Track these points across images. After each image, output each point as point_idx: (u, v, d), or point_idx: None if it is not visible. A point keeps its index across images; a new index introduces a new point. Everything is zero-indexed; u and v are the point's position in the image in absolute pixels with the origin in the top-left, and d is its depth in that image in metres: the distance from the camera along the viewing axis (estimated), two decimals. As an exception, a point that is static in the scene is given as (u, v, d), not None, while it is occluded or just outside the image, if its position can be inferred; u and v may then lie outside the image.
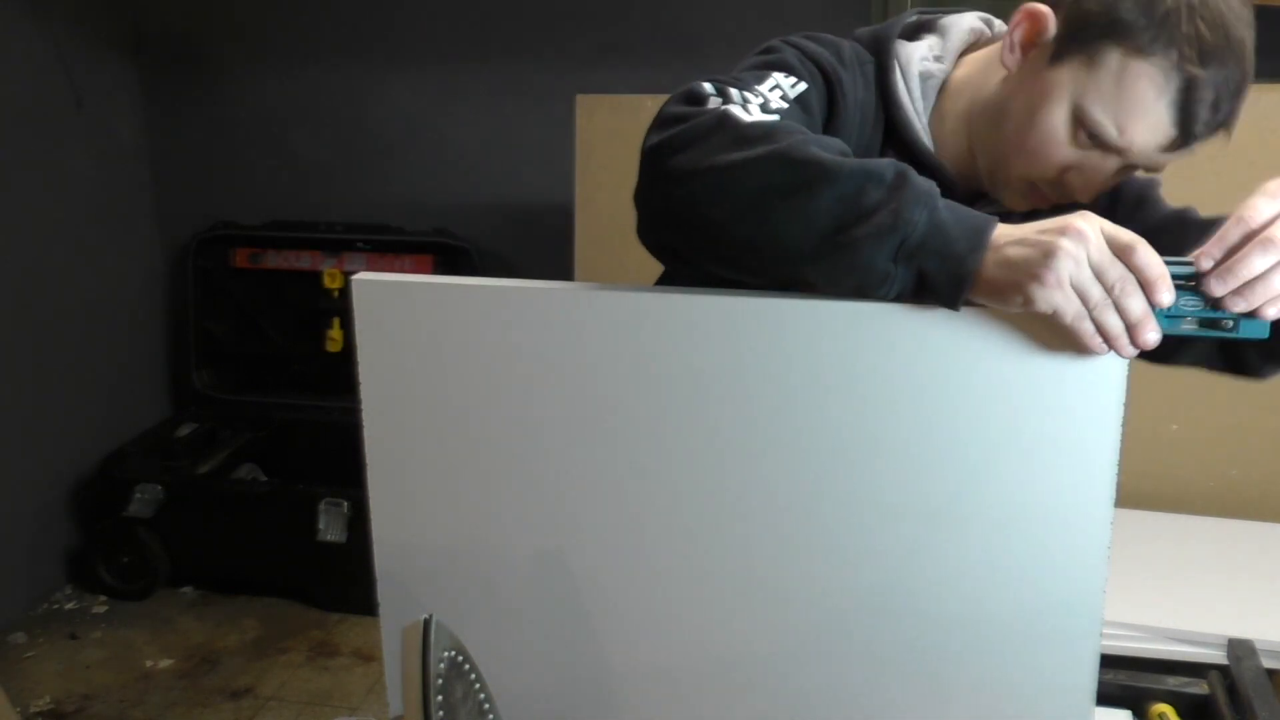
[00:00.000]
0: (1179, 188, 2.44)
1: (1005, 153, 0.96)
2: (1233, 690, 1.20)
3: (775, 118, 0.85)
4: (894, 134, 1.00)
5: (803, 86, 0.92)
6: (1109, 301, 0.72)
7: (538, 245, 3.01)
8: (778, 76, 0.92)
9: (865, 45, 1.03)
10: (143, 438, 3.11)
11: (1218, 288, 0.74)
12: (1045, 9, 0.93)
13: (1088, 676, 0.89)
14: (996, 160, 0.98)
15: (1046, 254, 0.72)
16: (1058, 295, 0.72)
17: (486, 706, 0.86)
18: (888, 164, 0.78)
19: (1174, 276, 0.73)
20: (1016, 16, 0.95)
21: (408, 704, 0.78)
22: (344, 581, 2.73)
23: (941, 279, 0.76)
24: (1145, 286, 0.72)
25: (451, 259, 3.08)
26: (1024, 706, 0.90)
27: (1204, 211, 1.02)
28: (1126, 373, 0.80)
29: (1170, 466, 2.45)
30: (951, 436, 0.84)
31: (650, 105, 1.19)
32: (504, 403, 0.91)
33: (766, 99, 0.88)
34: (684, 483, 0.90)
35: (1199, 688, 1.20)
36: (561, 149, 2.63)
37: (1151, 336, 0.73)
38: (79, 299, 3.02)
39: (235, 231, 3.21)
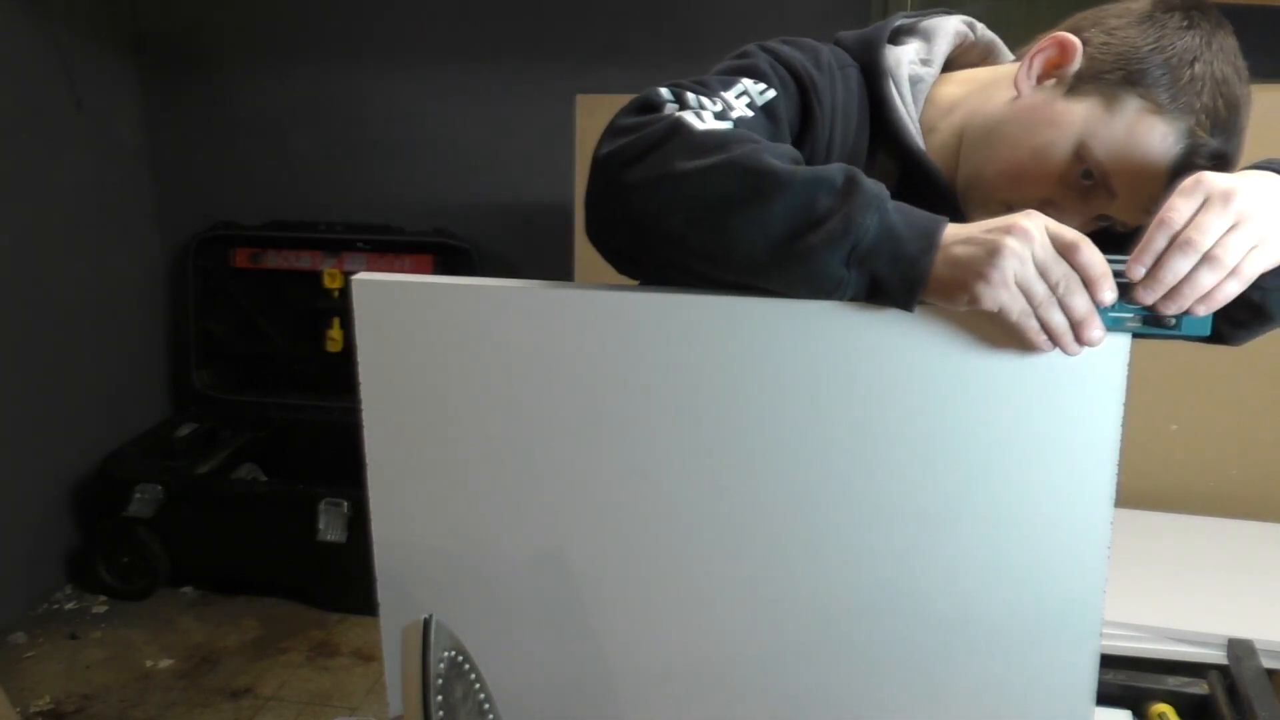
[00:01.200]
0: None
1: (992, 171, 0.96)
2: (1233, 690, 1.20)
3: (729, 125, 0.86)
4: (882, 137, 1.00)
5: (771, 94, 0.92)
6: (1054, 300, 0.73)
7: (538, 245, 3.01)
8: (746, 83, 0.92)
9: (850, 50, 1.03)
10: (143, 438, 3.11)
11: (1147, 296, 0.75)
12: (1077, 41, 0.93)
13: (1088, 677, 0.89)
14: (980, 177, 0.97)
15: (991, 252, 0.73)
16: (1003, 293, 0.73)
17: (486, 706, 0.86)
18: (837, 170, 0.78)
19: (1118, 275, 0.74)
20: (1043, 42, 0.95)
21: (408, 704, 0.78)
22: (344, 581, 2.73)
23: (894, 281, 0.77)
24: (1088, 285, 0.73)
25: (451, 259, 3.08)
26: (1024, 707, 0.90)
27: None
28: (1127, 373, 0.80)
29: (1170, 466, 2.45)
30: (951, 437, 0.84)
31: (650, 105, 1.19)
32: (504, 403, 0.91)
33: (729, 105, 0.88)
34: (683, 483, 0.90)
35: (1199, 688, 1.20)
36: (561, 149, 2.63)
37: (1095, 334, 0.75)
38: (79, 299, 3.02)
39: (235, 231, 3.21)
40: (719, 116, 0.86)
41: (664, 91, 0.88)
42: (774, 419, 0.86)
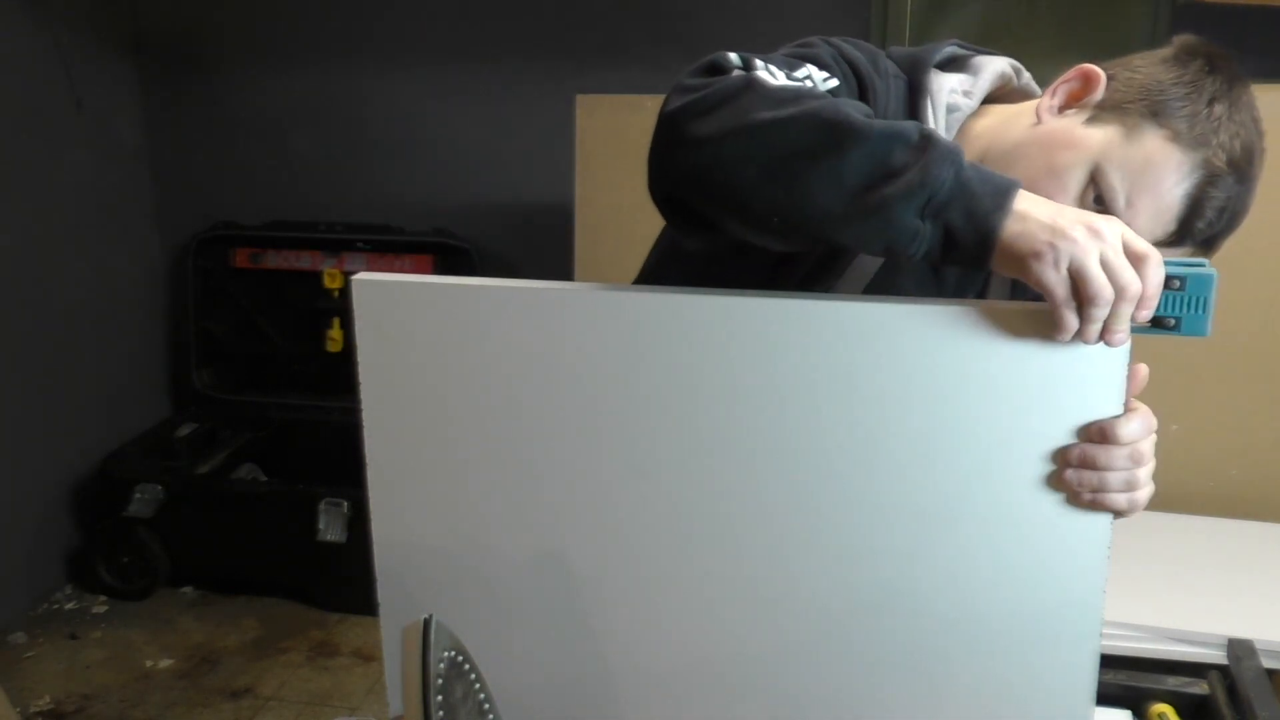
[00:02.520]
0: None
1: None
2: (1233, 690, 1.20)
3: (805, 84, 0.86)
4: None
5: (835, 83, 0.93)
6: (1108, 299, 0.74)
7: (538, 245, 3.02)
8: (811, 68, 0.92)
9: (899, 63, 1.04)
10: (143, 438, 3.11)
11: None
12: (1101, 73, 0.95)
13: (1088, 677, 0.89)
14: None
15: (1057, 233, 0.74)
16: (1052, 275, 0.74)
17: (486, 706, 0.86)
18: (913, 125, 0.79)
19: (1177, 276, 0.76)
20: (1070, 73, 0.97)
21: (408, 704, 0.78)
22: (344, 581, 2.72)
23: (968, 235, 0.77)
24: (1142, 298, 0.74)
25: (451, 259, 3.08)
26: (1024, 707, 0.90)
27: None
28: (1126, 373, 0.81)
29: (1170, 466, 2.44)
30: (951, 436, 0.84)
31: (650, 105, 1.19)
32: (504, 403, 0.91)
33: (794, 80, 0.89)
34: (683, 483, 0.90)
35: (1199, 688, 1.20)
36: (561, 149, 2.63)
37: (1120, 338, 0.76)
38: (79, 299, 3.02)
39: (235, 231, 3.21)
40: (791, 79, 0.87)
41: (732, 56, 0.88)
42: (774, 419, 0.86)
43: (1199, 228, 0.89)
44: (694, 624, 0.94)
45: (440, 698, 0.78)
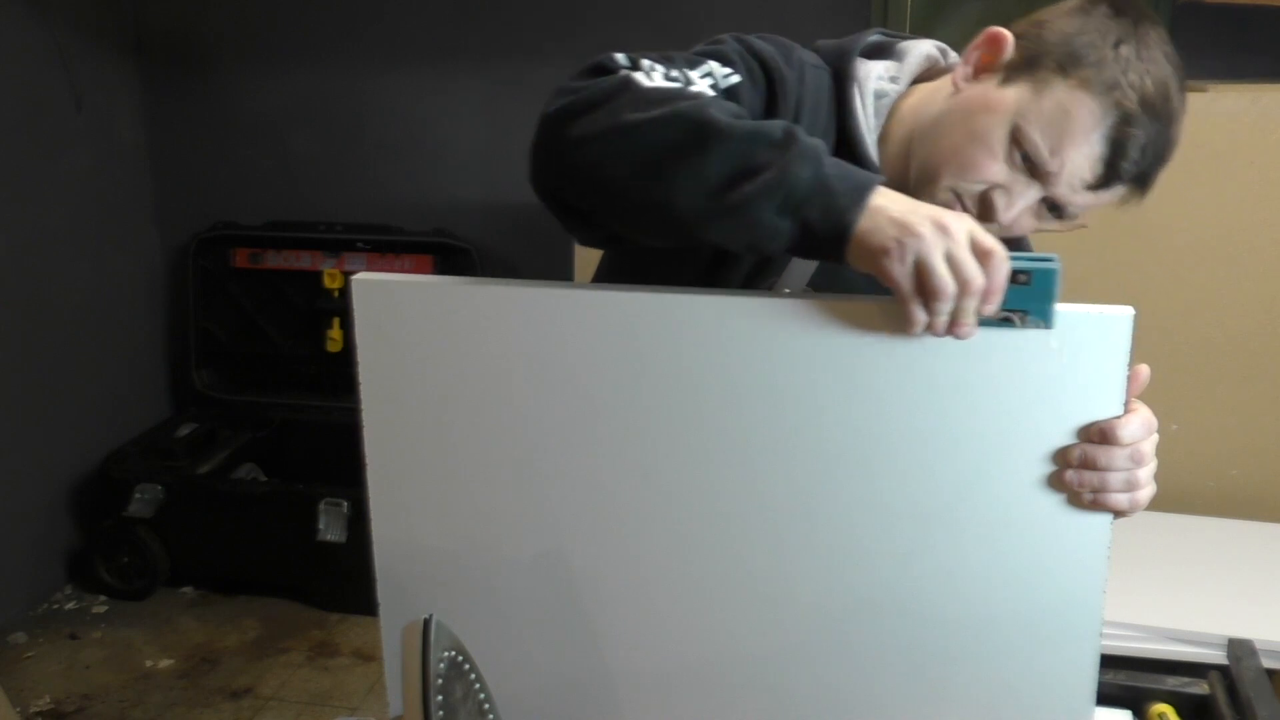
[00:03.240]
0: (1183, 189, 2.44)
1: (937, 161, 0.98)
2: (1233, 690, 1.20)
3: (678, 85, 0.89)
4: (844, 146, 1.03)
5: (736, 79, 0.95)
6: (954, 294, 0.76)
7: (538, 245, 3.01)
8: (713, 65, 0.95)
9: (825, 56, 1.06)
10: (143, 438, 3.11)
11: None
12: (1007, 34, 0.97)
13: (1088, 676, 0.89)
14: (926, 169, 0.99)
15: (906, 229, 0.76)
16: (898, 269, 0.76)
17: (486, 706, 0.86)
18: (778, 124, 0.82)
19: (1022, 270, 0.78)
20: (978, 39, 0.98)
21: (408, 704, 0.78)
22: (344, 581, 2.73)
23: (824, 231, 0.79)
24: (987, 293, 0.76)
25: (451, 259, 3.08)
26: (1024, 706, 0.90)
27: (1216, 205, 1.02)
28: (1127, 373, 0.81)
29: (1170, 466, 2.44)
30: (951, 437, 0.84)
31: (650, 105, 1.19)
32: (504, 403, 0.91)
33: (690, 80, 0.91)
34: (684, 483, 0.90)
35: (1199, 688, 1.20)
36: (561, 149, 2.62)
37: (967, 332, 0.78)
38: (79, 299, 3.02)
39: (235, 231, 3.21)
40: (669, 79, 0.89)
41: (618, 57, 0.91)
42: (774, 419, 0.86)
43: (1125, 168, 0.91)
44: (694, 624, 0.94)
45: (440, 698, 0.78)
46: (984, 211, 0.95)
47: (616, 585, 0.94)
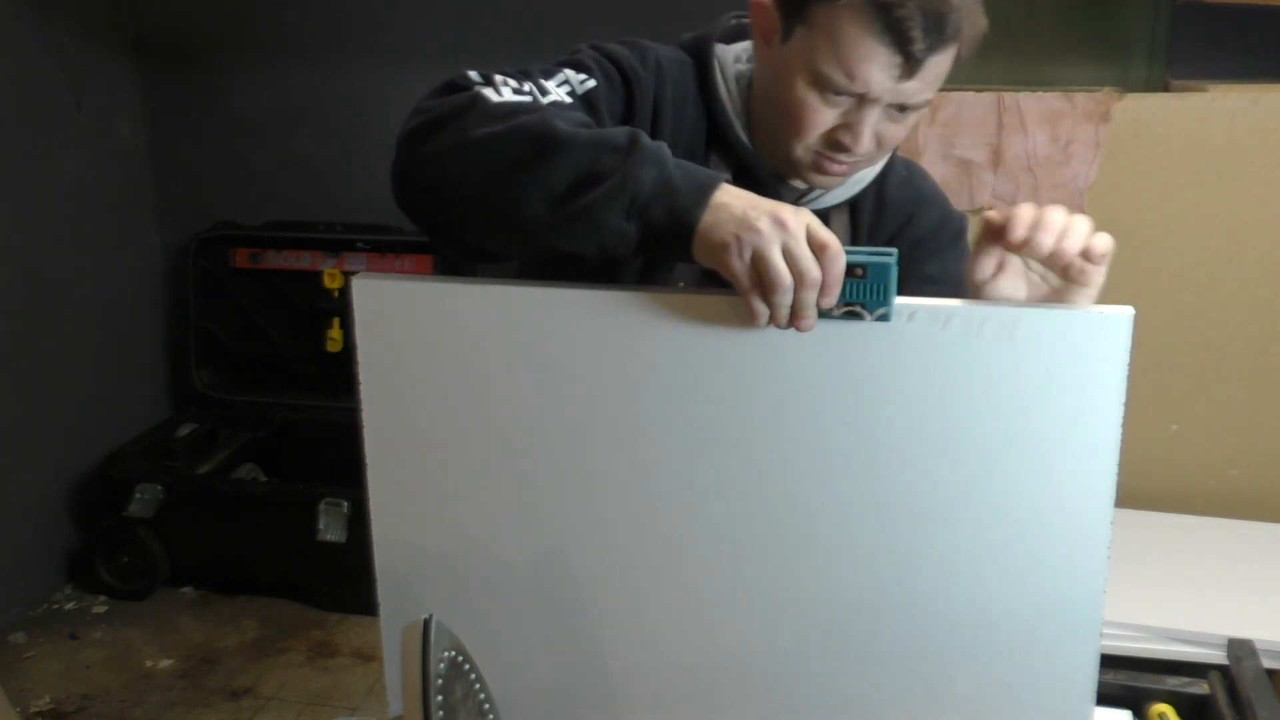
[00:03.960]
0: (1183, 189, 2.45)
1: (778, 134, 1.01)
2: (1233, 690, 1.20)
3: (526, 99, 0.91)
4: (714, 132, 1.05)
5: (592, 84, 0.98)
6: (788, 287, 0.78)
7: (538, 245, 3.01)
8: (569, 73, 0.98)
9: (687, 49, 1.09)
10: (143, 438, 3.11)
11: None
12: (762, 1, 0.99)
13: (1088, 676, 0.89)
14: (779, 144, 1.02)
15: (743, 225, 0.78)
16: (737, 263, 0.79)
17: (486, 706, 0.86)
18: (621, 132, 0.84)
19: (859, 265, 0.80)
20: (751, 12, 1.02)
21: (408, 704, 0.78)
22: (344, 581, 2.72)
23: (669, 230, 0.81)
24: (824, 286, 0.79)
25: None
26: (1024, 706, 0.90)
27: (1216, 205, 1.02)
28: (1127, 373, 0.81)
29: (1170, 466, 2.45)
30: (951, 437, 0.84)
31: (650, 105, 1.19)
32: (504, 403, 0.91)
33: (545, 90, 0.95)
34: (684, 483, 0.90)
35: (1199, 688, 1.20)
36: (561, 149, 2.62)
37: (806, 324, 0.80)
38: (79, 299, 3.02)
39: (235, 231, 3.21)
40: (519, 93, 0.92)
41: (471, 74, 0.93)
42: (774, 420, 0.86)
43: (919, 48, 0.91)
44: (693, 624, 0.94)
45: (440, 698, 0.78)
46: (844, 152, 0.98)
47: (616, 585, 0.94)
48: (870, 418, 0.85)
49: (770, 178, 1.05)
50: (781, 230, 0.78)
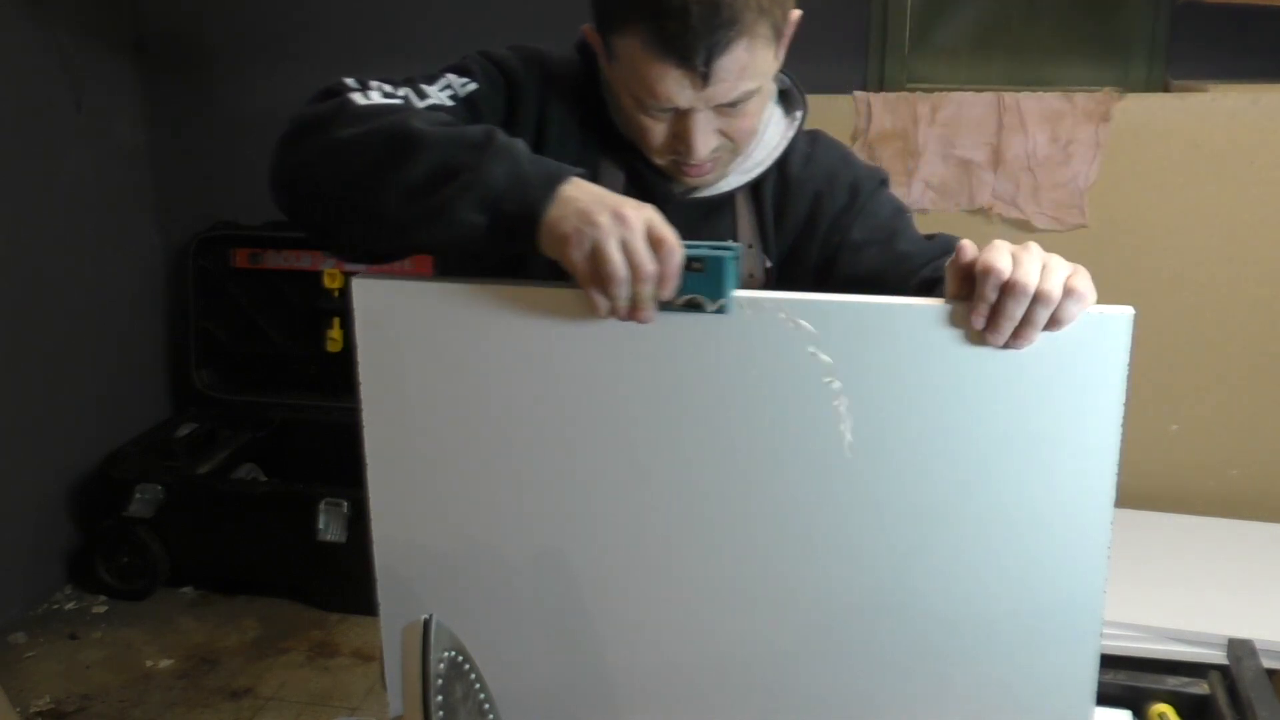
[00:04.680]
0: (1183, 189, 2.45)
1: (637, 145, 1.03)
2: (1233, 690, 1.20)
3: (395, 102, 0.94)
4: (611, 135, 1.06)
5: (474, 86, 1.02)
6: (626, 280, 0.80)
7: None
8: (451, 77, 1.02)
9: (579, 50, 1.10)
10: (143, 438, 3.11)
11: (995, 340, 0.80)
12: (589, 26, 1.02)
13: (1088, 676, 0.89)
14: (642, 148, 1.04)
15: (584, 219, 0.80)
16: (577, 256, 0.81)
17: (486, 706, 0.86)
18: (478, 129, 0.86)
19: (696, 259, 0.82)
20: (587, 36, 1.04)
21: (408, 704, 0.78)
22: (344, 581, 2.72)
23: (519, 222, 0.84)
24: (661, 279, 0.81)
25: (451, 259, 3.08)
26: (1024, 706, 0.90)
27: (1216, 205, 1.01)
28: (1126, 373, 0.81)
29: (1170, 466, 2.45)
30: (952, 436, 0.84)
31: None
32: (504, 403, 0.91)
33: (425, 94, 0.98)
34: (684, 482, 0.90)
35: (1199, 688, 1.19)
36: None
37: (644, 316, 0.82)
38: (79, 299, 3.02)
39: (235, 231, 3.20)
40: (389, 97, 0.96)
41: (348, 80, 0.96)
42: (774, 420, 0.86)
43: (700, 59, 0.91)
44: (694, 624, 0.94)
45: (440, 698, 0.78)
46: (687, 156, 0.99)
47: (616, 585, 0.94)
48: (870, 418, 0.85)
49: (657, 176, 1.06)
50: (620, 225, 0.80)
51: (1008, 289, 0.78)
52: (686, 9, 0.89)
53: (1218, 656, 1.50)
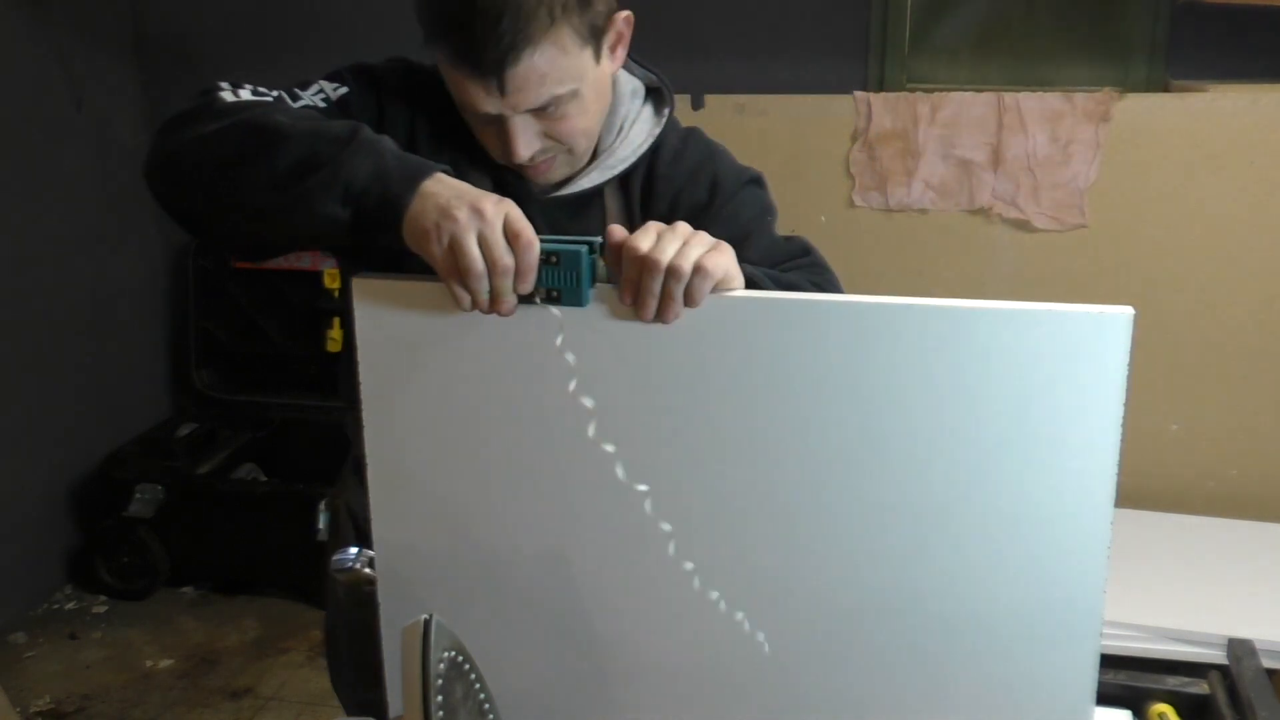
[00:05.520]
0: (1183, 189, 2.45)
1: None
2: (1233, 690, 1.20)
3: (264, 99, 0.98)
4: (476, 143, 1.07)
5: (344, 90, 1.05)
6: (483, 272, 0.82)
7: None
8: (324, 83, 1.06)
9: None
10: (143, 438, 3.11)
11: (643, 315, 0.85)
12: None
13: (1088, 676, 0.89)
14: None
15: (443, 214, 0.82)
16: (435, 249, 0.83)
17: (486, 706, 0.86)
18: (344, 124, 0.89)
19: (553, 253, 0.84)
20: None
21: (408, 704, 0.78)
22: (344, 581, 2.72)
23: (380, 216, 0.86)
24: (519, 273, 0.83)
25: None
26: (1024, 706, 0.90)
27: (1216, 205, 1.00)
28: (1127, 373, 0.80)
29: (1170, 466, 2.45)
30: (952, 436, 0.84)
31: (650, 105, 1.19)
32: (504, 403, 0.91)
33: (297, 97, 1.03)
34: (684, 482, 0.90)
35: (1199, 688, 1.20)
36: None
37: (504, 308, 0.85)
38: (79, 299, 3.02)
39: (235, 231, 3.20)
40: (258, 95, 1.00)
41: (222, 82, 0.99)
42: (774, 420, 0.86)
43: (487, 68, 0.94)
44: (694, 624, 0.94)
45: (440, 698, 0.78)
46: (507, 158, 1.02)
47: (616, 584, 0.94)
48: (871, 417, 0.85)
49: (518, 179, 1.08)
50: (478, 219, 0.82)
51: (644, 266, 0.83)
52: (470, 24, 0.92)
53: (1218, 656, 1.50)
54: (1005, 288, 2.47)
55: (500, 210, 0.83)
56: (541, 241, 0.84)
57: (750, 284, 0.92)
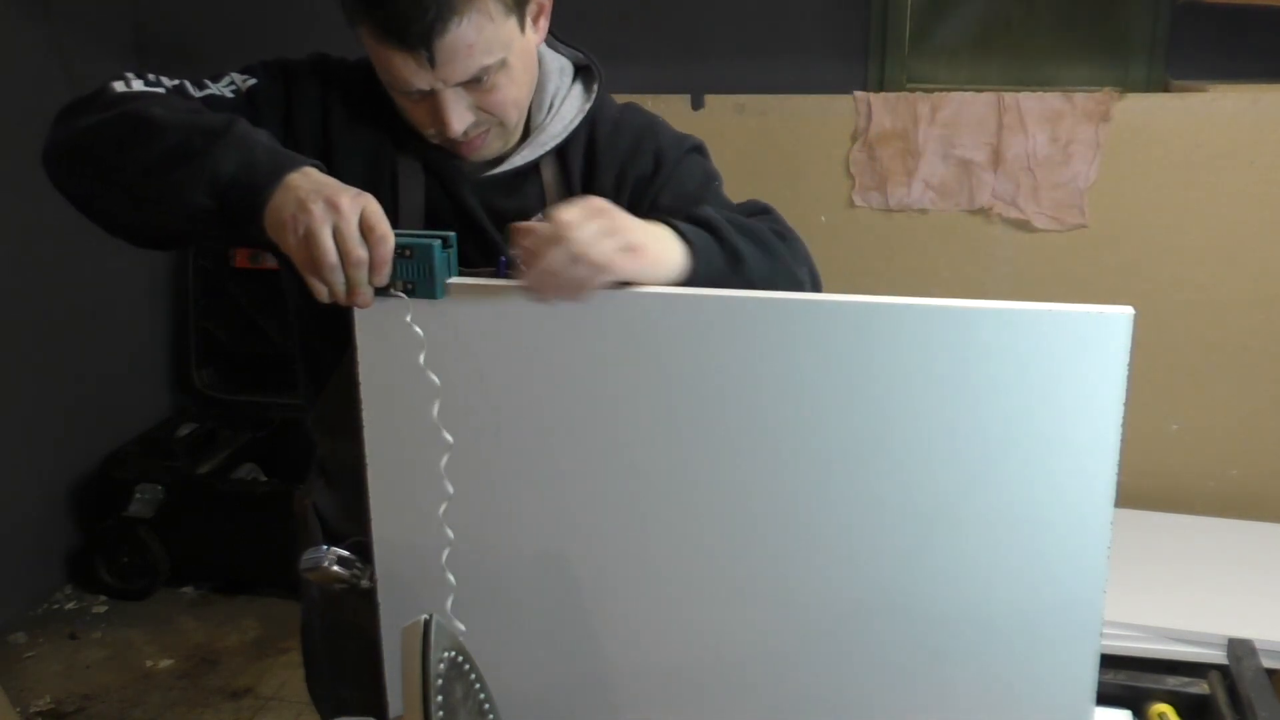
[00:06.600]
0: (1183, 189, 2.45)
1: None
2: (1233, 690, 1.20)
3: (155, 90, 1.00)
4: (403, 129, 1.08)
5: (253, 81, 1.07)
6: (336, 264, 0.83)
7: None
8: (234, 75, 1.08)
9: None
10: (143, 438, 3.11)
11: (547, 292, 0.86)
12: None
13: (1088, 676, 0.89)
14: None
15: (300, 207, 0.83)
16: (292, 241, 0.84)
17: (486, 706, 0.86)
18: (220, 118, 0.91)
19: (407, 246, 0.86)
20: None
21: (408, 704, 0.78)
22: (344, 581, 2.72)
23: (244, 208, 0.87)
24: (373, 266, 0.85)
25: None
26: (1024, 706, 0.90)
27: (1216, 205, 1.00)
28: (1126, 373, 0.80)
29: (1170, 466, 2.45)
30: (952, 436, 0.84)
31: (649, 105, 1.19)
32: (504, 402, 0.91)
33: (206, 86, 1.04)
34: (685, 482, 0.90)
35: (1199, 688, 1.20)
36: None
37: (359, 300, 0.86)
38: (79, 299, 3.02)
39: (235, 231, 3.20)
40: (152, 85, 1.02)
41: (128, 72, 1.02)
42: (775, 419, 0.86)
43: (414, 40, 0.94)
44: (695, 624, 0.94)
45: (440, 698, 0.78)
46: (443, 135, 1.02)
47: (617, 585, 0.94)
48: (871, 417, 0.85)
49: (450, 159, 1.08)
50: (333, 212, 0.83)
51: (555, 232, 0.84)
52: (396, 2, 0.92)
53: (1218, 656, 1.50)
54: (1005, 288, 2.47)
55: (357, 204, 0.84)
56: (396, 236, 0.85)
57: (706, 225, 0.93)
